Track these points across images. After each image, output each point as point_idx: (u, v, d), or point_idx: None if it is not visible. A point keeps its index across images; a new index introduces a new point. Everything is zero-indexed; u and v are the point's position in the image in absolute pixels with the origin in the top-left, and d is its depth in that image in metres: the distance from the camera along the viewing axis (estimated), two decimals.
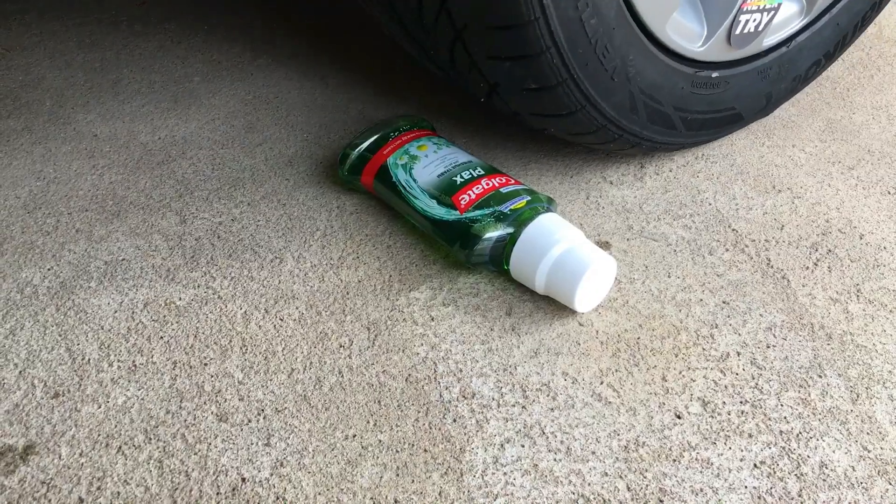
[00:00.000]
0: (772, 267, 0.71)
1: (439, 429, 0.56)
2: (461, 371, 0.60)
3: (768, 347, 0.63)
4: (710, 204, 0.78)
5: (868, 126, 0.92)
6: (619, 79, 0.70)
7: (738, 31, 0.76)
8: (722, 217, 0.77)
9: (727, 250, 0.72)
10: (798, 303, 0.67)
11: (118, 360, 0.61)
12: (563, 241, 0.64)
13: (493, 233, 0.66)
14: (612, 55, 0.67)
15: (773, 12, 0.77)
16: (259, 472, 0.53)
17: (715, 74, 0.77)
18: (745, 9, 0.74)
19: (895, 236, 0.74)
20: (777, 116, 0.93)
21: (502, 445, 0.55)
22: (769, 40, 0.81)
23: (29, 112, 0.93)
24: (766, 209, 0.78)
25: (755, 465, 0.54)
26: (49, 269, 0.69)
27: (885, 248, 0.73)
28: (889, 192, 0.81)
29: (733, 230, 0.75)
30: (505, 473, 0.53)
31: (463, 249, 0.67)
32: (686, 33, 0.74)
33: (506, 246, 0.66)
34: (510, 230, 0.66)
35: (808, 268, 0.71)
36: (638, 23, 0.69)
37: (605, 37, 0.66)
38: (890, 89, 1.00)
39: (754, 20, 0.76)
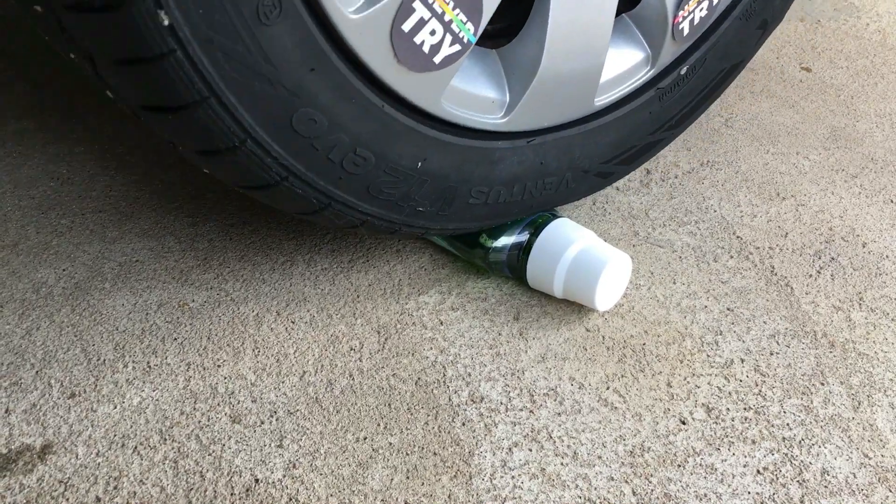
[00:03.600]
0: (776, 274, 0.72)
1: (448, 432, 0.57)
2: (470, 375, 0.61)
3: (772, 354, 0.64)
4: (714, 211, 0.79)
5: (872, 134, 0.93)
6: (586, 174, 0.71)
7: (686, 33, 0.67)
8: (727, 224, 0.78)
9: (732, 257, 0.74)
10: (801, 310, 0.68)
11: (133, 361, 0.62)
12: (577, 242, 0.64)
13: (510, 237, 0.67)
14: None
15: None
16: (272, 473, 0.54)
17: (684, 70, 0.70)
18: (678, 21, 0.66)
19: None
20: (781, 124, 0.94)
21: (510, 449, 0.56)
22: None
23: (42, 112, 0.94)
24: (771, 216, 0.79)
25: (758, 471, 0.55)
26: (64, 270, 0.70)
27: (887, 256, 0.74)
28: (892, 201, 0.82)
29: (738, 237, 0.76)
30: (513, 477, 0.54)
31: (482, 252, 0.68)
32: (633, 68, 0.68)
33: (520, 256, 0.66)
34: (526, 235, 0.66)
35: (811, 276, 0.72)
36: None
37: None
38: (894, 97, 1.01)
39: (701, 9, 0.67)
